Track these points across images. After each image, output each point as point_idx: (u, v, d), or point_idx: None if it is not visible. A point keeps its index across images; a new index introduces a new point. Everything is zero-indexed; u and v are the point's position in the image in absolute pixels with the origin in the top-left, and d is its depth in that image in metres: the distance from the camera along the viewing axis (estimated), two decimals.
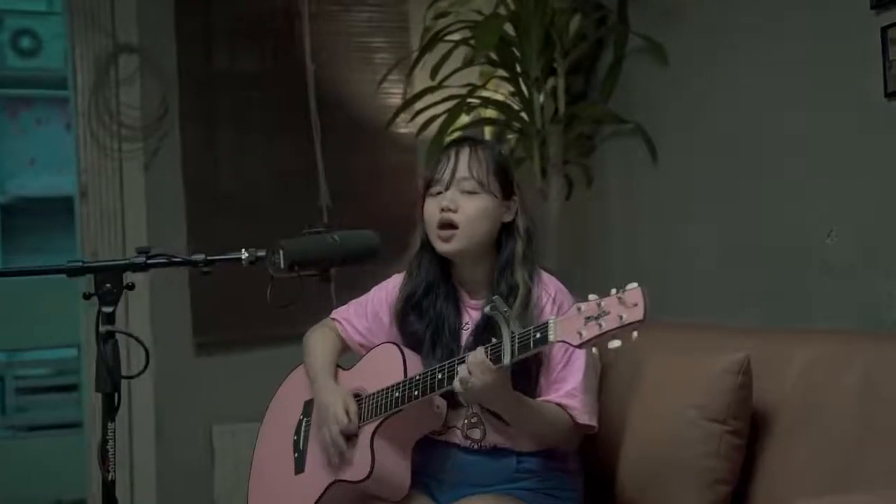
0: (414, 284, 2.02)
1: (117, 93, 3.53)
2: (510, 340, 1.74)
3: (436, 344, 1.96)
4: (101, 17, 3.52)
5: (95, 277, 1.56)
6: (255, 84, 3.70)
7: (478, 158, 1.99)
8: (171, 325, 3.58)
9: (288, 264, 1.60)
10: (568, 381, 1.93)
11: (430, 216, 1.99)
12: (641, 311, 1.58)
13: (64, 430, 5.42)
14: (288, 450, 2.08)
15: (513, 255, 1.99)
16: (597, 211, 3.46)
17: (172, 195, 3.58)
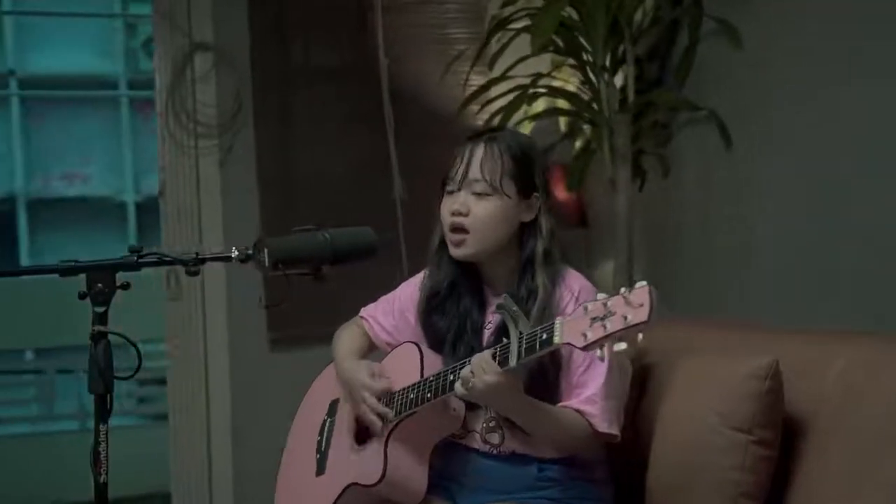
0: (436, 282, 1.96)
1: (193, 91, 3.57)
2: (517, 341, 1.66)
3: (457, 343, 1.90)
4: (178, 16, 3.57)
5: (87, 277, 1.55)
6: (329, 78, 3.69)
7: (492, 157, 1.89)
8: (245, 321, 3.61)
9: (272, 263, 1.56)
10: (588, 385, 1.83)
11: (443, 217, 1.92)
12: (646, 312, 1.48)
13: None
14: (311, 451, 2.05)
15: (533, 256, 1.90)
16: (672, 203, 3.31)
17: (247, 191, 3.61)
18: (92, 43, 10.45)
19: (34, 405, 5.80)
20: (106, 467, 1.57)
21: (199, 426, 3.56)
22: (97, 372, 1.55)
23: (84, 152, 10.63)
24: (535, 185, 1.93)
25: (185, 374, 3.59)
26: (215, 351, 3.60)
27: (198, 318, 3.58)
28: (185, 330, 3.59)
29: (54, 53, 10.50)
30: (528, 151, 1.95)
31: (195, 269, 1.57)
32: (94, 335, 1.55)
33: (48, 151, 10.57)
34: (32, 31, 10.67)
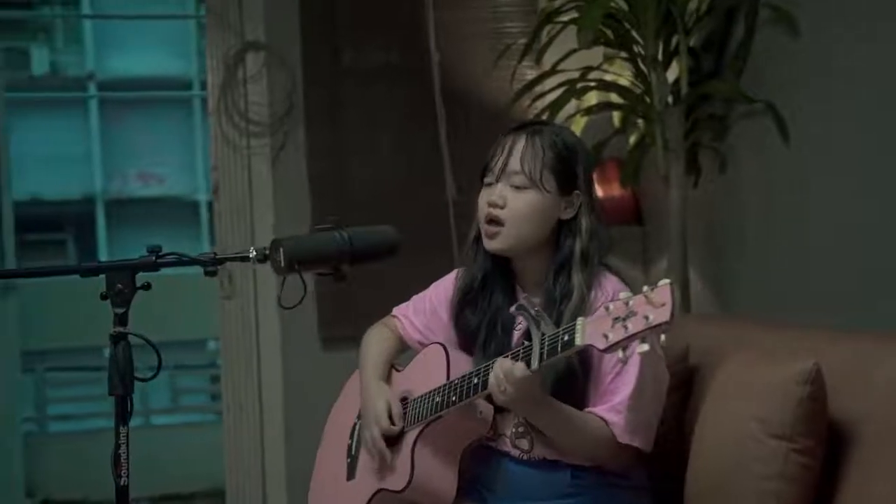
0: (470, 277, 1.91)
1: (245, 90, 3.59)
2: (539, 343, 1.60)
3: (488, 343, 1.85)
4: (230, 15, 3.59)
5: (107, 278, 1.54)
6: (380, 77, 3.67)
7: (534, 150, 1.83)
8: (298, 320, 3.61)
9: (288, 263, 1.53)
10: (617, 393, 1.77)
11: (480, 208, 1.87)
12: (668, 312, 1.42)
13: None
14: (342, 455, 2.02)
15: (570, 256, 1.84)
16: (728, 199, 3.20)
17: (298, 190, 3.61)
18: (168, 45, 10.64)
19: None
20: (127, 469, 1.57)
21: (253, 424, 3.58)
22: (117, 373, 1.54)
23: (159, 153, 10.83)
24: (577, 182, 1.87)
25: (239, 373, 3.61)
26: (268, 350, 3.61)
27: (250, 317, 3.59)
28: (238, 329, 3.61)
29: (131, 56, 10.72)
30: (572, 147, 1.89)
31: (213, 270, 1.55)
32: (114, 336, 1.54)
33: (125, 152, 10.80)
34: (110, 35, 10.91)
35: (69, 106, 11.22)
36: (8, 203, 4.46)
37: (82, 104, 11.12)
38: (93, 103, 11.09)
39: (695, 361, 2.10)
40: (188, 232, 10.98)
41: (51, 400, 5.16)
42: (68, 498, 4.43)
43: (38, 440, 4.84)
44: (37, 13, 10.89)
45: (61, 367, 5.22)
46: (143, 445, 5.00)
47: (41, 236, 10.42)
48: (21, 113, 10.06)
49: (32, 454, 4.54)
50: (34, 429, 5.07)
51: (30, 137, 10.09)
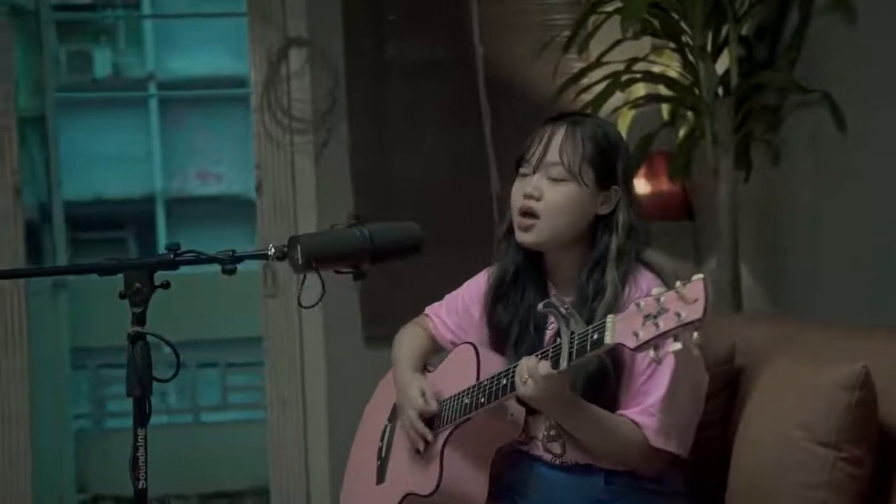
0: (502, 271, 1.85)
1: (288, 87, 3.56)
2: (568, 342, 1.54)
3: (519, 342, 1.78)
4: (272, 11, 3.57)
5: (125, 277, 1.51)
6: (423, 72, 3.62)
7: (573, 141, 1.77)
8: (341, 318, 3.58)
9: (305, 261, 1.48)
10: (649, 395, 1.69)
11: (514, 200, 1.81)
12: (701, 308, 1.34)
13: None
14: (372, 458, 1.97)
15: (605, 252, 1.77)
16: (781, 193, 3.09)
17: (341, 188, 3.57)
18: (225, 43, 10.72)
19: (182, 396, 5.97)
20: (145, 472, 1.53)
21: (296, 422, 3.55)
22: (135, 374, 1.51)
23: (217, 151, 10.92)
24: (616, 177, 1.80)
25: (282, 372, 3.59)
26: (311, 348, 3.58)
27: (293, 315, 3.57)
28: (281, 327, 3.59)
29: (190, 56, 10.84)
30: (613, 141, 1.82)
31: (231, 268, 1.51)
32: (131, 336, 1.51)
33: (185, 151, 10.92)
34: (170, 36, 11.03)
35: (130, 106, 11.38)
36: (58, 202, 4.51)
37: (143, 105, 11.28)
38: (153, 104, 11.24)
39: (741, 362, 2.01)
40: (245, 230, 11.07)
41: (104, 397, 5.22)
42: (118, 494, 4.47)
43: (90, 436, 4.90)
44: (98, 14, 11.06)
45: (113, 364, 5.28)
46: (193, 443, 5.07)
47: (102, 235, 10.57)
48: (84, 114, 10.23)
49: (84, 450, 4.60)
50: (87, 425, 5.13)
51: (92, 138, 10.24)
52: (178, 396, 5.35)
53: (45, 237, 4.45)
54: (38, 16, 4.78)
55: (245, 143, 11.90)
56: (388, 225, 1.56)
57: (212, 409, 5.25)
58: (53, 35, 10.23)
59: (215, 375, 5.29)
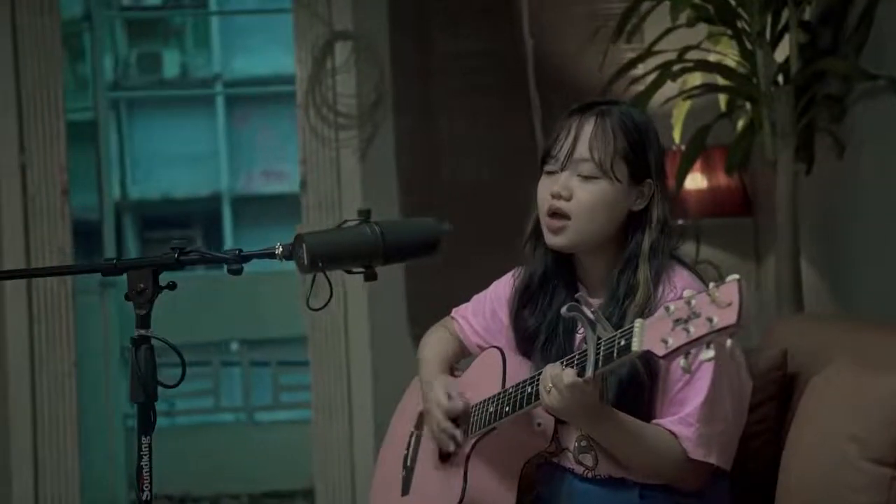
0: (528, 274, 1.74)
1: (333, 82, 3.50)
2: (594, 348, 1.42)
3: (547, 347, 1.67)
4: (318, 5, 3.51)
5: (129, 277, 1.44)
6: (471, 65, 3.53)
7: (604, 134, 1.64)
8: (387, 318, 3.51)
9: (310, 260, 1.39)
10: (686, 403, 1.57)
11: (541, 199, 1.69)
12: (735, 313, 1.22)
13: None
14: (398, 467, 1.88)
15: (638, 250, 1.65)
16: (846, 187, 2.92)
17: (387, 184, 3.50)
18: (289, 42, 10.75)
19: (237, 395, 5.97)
20: (150, 482, 1.46)
21: (342, 424, 3.49)
22: (138, 380, 1.44)
23: (282, 150, 10.97)
24: (650, 169, 1.68)
25: (327, 373, 3.53)
26: (357, 349, 3.52)
27: (339, 315, 3.51)
28: (326, 327, 3.53)
29: (255, 56, 10.89)
30: (644, 130, 1.69)
31: (237, 268, 1.43)
32: (135, 340, 1.44)
33: (250, 150, 10.98)
34: (236, 36, 11.11)
35: (197, 106, 11.50)
36: (109, 203, 4.52)
37: (210, 104, 11.39)
38: (219, 103, 11.33)
39: (794, 368, 1.87)
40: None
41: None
42: (170, 493, 4.46)
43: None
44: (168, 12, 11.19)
45: (167, 363, 5.29)
46: (245, 442, 5.05)
47: (170, 233, 10.69)
48: (153, 115, 10.36)
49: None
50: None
51: (161, 138, 10.37)
52: (230, 395, 5.33)
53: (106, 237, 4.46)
54: (91, 22, 4.81)
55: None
56: (403, 221, 1.48)
57: (264, 409, 5.22)
58: (123, 38, 10.33)
59: (268, 374, 5.26)
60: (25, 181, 3.43)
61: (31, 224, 3.42)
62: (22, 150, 3.43)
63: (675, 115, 3.16)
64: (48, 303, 3.38)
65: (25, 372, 3.39)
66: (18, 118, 3.43)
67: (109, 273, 1.46)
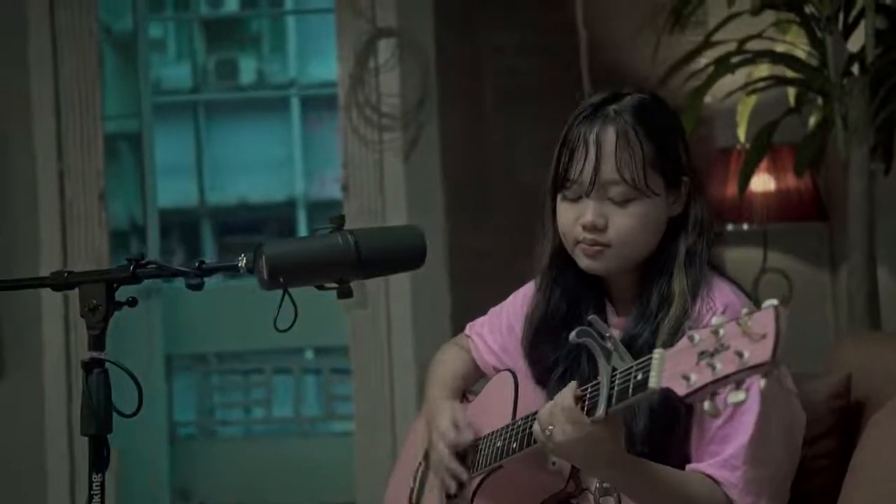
0: (549, 309, 1.51)
1: (377, 81, 3.34)
2: (608, 382, 1.21)
3: (566, 378, 1.45)
4: (361, 2, 3.36)
5: (80, 292, 1.28)
6: (521, 59, 3.33)
7: (629, 146, 1.40)
8: (432, 330, 3.33)
9: (270, 274, 1.21)
10: (729, 442, 1.34)
11: (567, 229, 1.45)
12: (770, 348, 1.01)
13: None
14: (405, 500, 1.69)
15: (674, 256, 1.43)
16: None
17: (432, 188, 3.33)
18: None
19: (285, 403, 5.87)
20: None
21: (384, 440, 3.32)
22: (90, 409, 1.27)
23: None
24: (682, 166, 1.45)
25: (370, 387, 3.37)
26: (401, 361, 3.35)
27: (382, 327, 3.34)
28: (369, 338, 3.36)
29: (330, 61, 10.85)
30: (668, 120, 1.47)
31: (196, 283, 1.26)
32: (86, 364, 1.28)
33: (324, 155, 10.95)
34: (312, 42, 11.10)
35: (273, 111, 11.54)
36: (153, 210, 4.45)
37: (285, 110, 11.41)
38: (294, 109, 11.35)
39: (860, 395, 1.64)
40: None
41: (212, 404, 5.15)
42: (223, 503, 4.37)
43: (195, 443, 4.84)
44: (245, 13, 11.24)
45: (221, 370, 5.23)
46: (297, 454, 4.92)
47: (247, 239, 10.71)
48: (229, 121, 10.41)
49: (189, 458, 4.53)
50: (192, 432, 5.08)
51: (237, 143, 10.41)
52: (282, 405, 5.21)
53: (150, 244, 4.38)
54: (136, 35, 4.77)
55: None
56: (382, 229, 1.30)
57: (315, 420, 5.09)
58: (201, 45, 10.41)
59: (318, 384, 5.14)
60: (63, 186, 3.35)
61: (68, 229, 3.35)
62: (60, 155, 3.35)
63: (739, 112, 2.91)
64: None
65: (62, 382, 3.30)
66: (57, 123, 3.36)
67: (59, 287, 1.30)
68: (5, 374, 3.28)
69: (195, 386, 5.00)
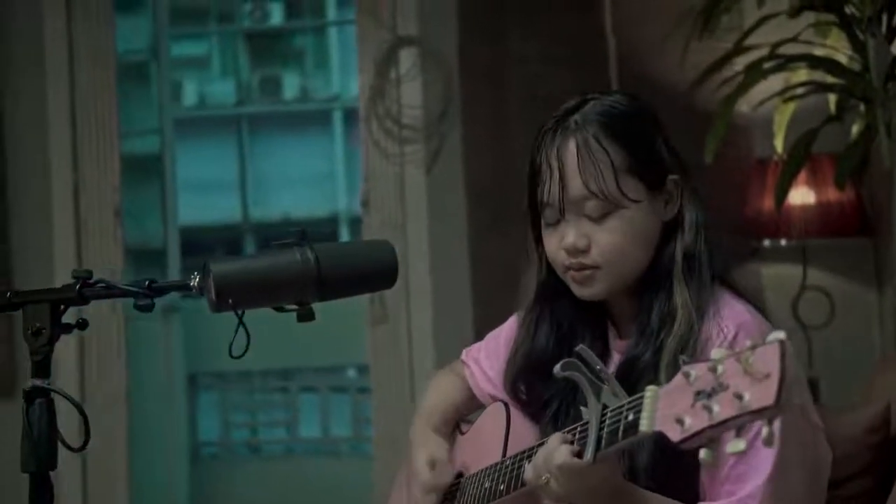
0: (535, 346, 1.37)
1: (398, 93, 3.23)
2: (598, 422, 1.07)
3: (560, 415, 1.31)
4: (382, 9, 3.25)
5: (24, 313, 1.17)
6: (548, 68, 3.19)
7: (592, 155, 1.26)
8: (455, 347, 3.18)
9: (219, 295, 1.08)
10: (745, 482, 1.20)
11: (553, 256, 1.32)
12: (773, 391, 0.86)
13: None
14: None
15: (671, 264, 1.28)
16: None
17: (455, 202, 3.20)
18: None
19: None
20: None
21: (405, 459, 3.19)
22: (30, 443, 1.16)
23: None
24: (665, 164, 1.30)
25: (390, 406, 3.24)
26: (422, 378, 3.22)
27: (403, 344, 3.22)
28: (389, 358, 3.24)
29: None
30: (638, 120, 1.31)
31: (144, 304, 1.14)
32: (27, 393, 1.17)
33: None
34: (354, 55, 11.07)
35: (316, 125, 11.55)
36: (174, 226, 4.38)
37: (328, 124, 11.42)
38: (337, 123, 11.34)
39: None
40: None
41: (230, 423, 5.08)
42: None
43: (216, 462, 4.76)
44: (288, 25, 11.27)
45: (240, 389, 5.17)
46: (323, 475, 4.81)
47: None
48: (272, 136, 10.43)
49: (206, 476, 4.45)
50: (214, 451, 5.00)
51: (280, 159, 10.43)
52: (308, 425, 5.10)
53: (170, 262, 4.31)
54: (157, 55, 4.73)
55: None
56: (347, 244, 1.16)
57: (345, 441, 4.99)
58: (245, 61, 10.45)
59: (347, 402, 5.03)
60: (78, 202, 3.29)
61: (83, 246, 3.28)
62: (75, 169, 3.29)
63: (777, 121, 2.75)
64: (99, 330, 3.23)
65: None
66: (72, 137, 3.30)
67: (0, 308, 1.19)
68: (18, 396, 3.21)
69: (219, 405, 4.92)
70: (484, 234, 3.16)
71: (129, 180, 5.44)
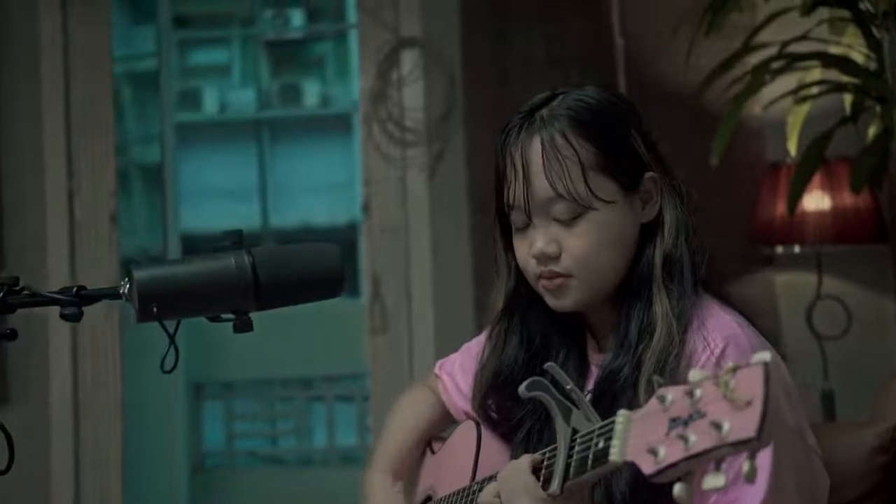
0: (506, 360, 1.27)
1: (400, 95, 3.14)
2: (566, 448, 0.97)
3: (532, 436, 1.21)
4: (383, 9, 3.17)
5: None
6: (553, 71, 3.10)
7: (557, 153, 1.17)
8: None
9: (143, 304, 0.99)
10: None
11: (523, 264, 1.23)
12: (756, 421, 0.76)
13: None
14: None
15: (649, 269, 1.18)
16: None
17: (458, 207, 3.11)
18: None
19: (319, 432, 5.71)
20: None
21: None
22: None
23: None
24: (642, 160, 1.20)
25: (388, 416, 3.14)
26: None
27: (403, 353, 3.13)
28: (388, 366, 3.15)
29: None
30: (610, 113, 1.21)
31: (70, 312, 1.05)
32: None
33: None
34: None
35: (336, 133, 11.52)
36: (174, 234, 4.31)
37: (347, 132, 11.38)
38: (356, 131, 11.30)
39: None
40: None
41: (234, 434, 5.01)
42: None
43: (220, 472, 4.69)
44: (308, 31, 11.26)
45: (244, 398, 5.10)
46: (330, 485, 4.72)
47: None
48: (292, 143, 10.41)
49: (212, 489, 4.38)
50: (218, 462, 4.93)
51: (300, 166, 10.40)
52: (316, 435, 5.01)
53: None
54: (161, 63, 4.68)
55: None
56: (289, 248, 1.05)
57: (351, 450, 4.89)
58: (266, 69, 10.45)
59: (353, 410, 4.94)
60: (73, 207, 3.22)
61: (77, 251, 3.21)
62: (70, 175, 3.22)
63: (790, 122, 2.64)
64: (94, 337, 3.16)
65: (69, 411, 3.16)
66: (67, 142, 3.23)
67: None
68: (10, 403, 3.15)
69: (223, 414, 4.84)
70: (487, 240, 3.05)
71: (139, 189, 5.39)
